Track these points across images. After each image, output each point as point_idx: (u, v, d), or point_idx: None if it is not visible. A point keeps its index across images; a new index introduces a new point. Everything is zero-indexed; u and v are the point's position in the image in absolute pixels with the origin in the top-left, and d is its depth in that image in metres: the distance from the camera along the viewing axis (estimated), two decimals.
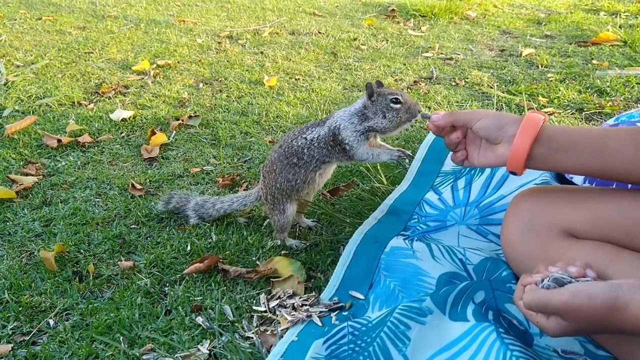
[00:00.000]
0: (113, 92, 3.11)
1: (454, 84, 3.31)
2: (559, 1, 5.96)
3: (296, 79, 3.38)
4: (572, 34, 4.49)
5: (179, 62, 3.69)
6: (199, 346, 1.32)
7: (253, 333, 1.36)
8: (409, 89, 3.19)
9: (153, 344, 1.33)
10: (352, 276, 1.50)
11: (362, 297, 1.43)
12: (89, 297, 1.51)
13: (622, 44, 4.03)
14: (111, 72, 3.46)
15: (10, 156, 2.32)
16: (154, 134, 2.49)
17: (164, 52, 3.92)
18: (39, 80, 3.24)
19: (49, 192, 2.06)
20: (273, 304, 1.44)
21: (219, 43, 4.22)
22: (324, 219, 1.89)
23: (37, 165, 2.25)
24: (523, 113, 2.70)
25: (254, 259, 1.66)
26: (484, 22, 5.03)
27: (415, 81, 3.35)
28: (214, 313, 1.43)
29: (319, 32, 4.60)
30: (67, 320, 1.43)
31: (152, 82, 3.28)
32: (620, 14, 5.15)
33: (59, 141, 2.43)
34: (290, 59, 3.82)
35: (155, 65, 3.55)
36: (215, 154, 2.39)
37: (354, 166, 2.16)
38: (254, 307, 1.45)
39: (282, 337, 1.31)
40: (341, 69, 3.61)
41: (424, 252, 1.46)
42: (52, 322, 1.42)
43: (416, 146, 2.23)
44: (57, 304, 1.47)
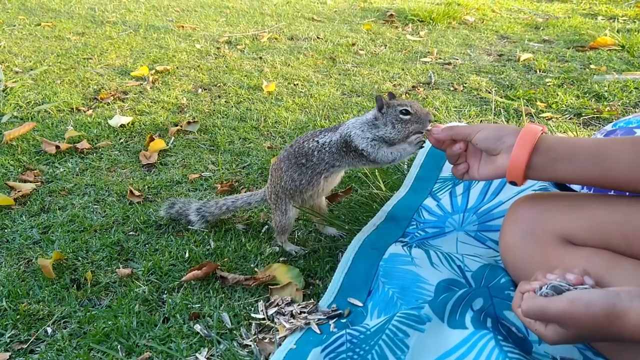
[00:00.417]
0: (112, 98, 3.11)
1: (452, 89, 3.31)
2: (557, 6, 5.98)
3: (295, 85, 3.38)
4: (569, 38, 4.50)
5: (177, 68, 3.69)
6: (197, 354, 1.31)
7: (251, 341, 1.35)
8: (407, 94, 3.19)
9: (151, 352, 1.33)
10: (351, 283, 1.50)
11: (361, 305, 1.43)
12: (86, 305, 1.50)
13: (620, 48, 4.04)
14: (110, 78, 3.46)
15: (9, 163, 2.32)
16: (152, 140, 2.49)
17: (162, 57, 3.92)
18: (37, 87, 3.24)
19: (47, 199, 2.06)
20: (271, 311, 1.44)
21: (218, 48, 4.22)
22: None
23: (35, 171, 2.25)
24: (521, 119, 2.70)
25: (252, 265, 1.66)
26: (482, 27, 5.04)
27: (413, 86, 3.35)
28: (212, 321, 1.42)
29: (318, 37, 4.61)
30: (65, 328, 1.42)
31: (150, 88, 3.28)
32: (618, 19, 5.16)
33: (57, 147, 2.43)
34: (289, 64, 3.82)
35: (154, 71, 3.56)
36: (213, 159, 2.39)
37: (352, 172, 2.16)
38: (252, 315, 1.44)
39: (280, 345, 1.31)
40: (340, 74, 3.61)
41: (422, 259, 1.46)
42: (49, 330, 1.42)
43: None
44: (54, 312, 1.47)
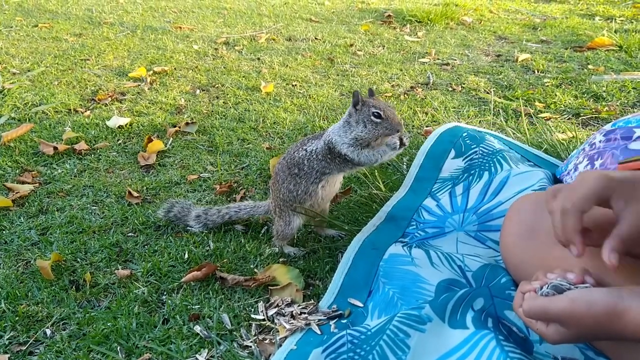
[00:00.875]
0: (109, 99, 3.10)
1: (450, 89, 3.31)
2: (554, 6, 5.99)
3: (293, 85, 3.38)
4: (567, 39, 4.50)
5: (175, 69, 3.69)
6: (197, 355, 1.31)
7: (251, 342, 1.35)
8: (405, 95, 3.19)
9: (151, 353, 1.32)
10: (351, 284, 1.50)
11: (361, 305, 1.43)
12: (85, 307, 1.50)
13: (618, 48, 4.05)
14: (107, 79, 3.46)
15: (7, 164, 2.31)
16: (150, 141, 2.48)
17: (160, 58, 3.91)
18: (35, 88, 3.23)
19: (45, 200, 2.05)
20: (271, 312, 1.43)
21: (216, 49, 4.22)
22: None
23: (33, 173, 2.24)
24: (520, 120, 2.70)
25: (252, 266, 1.66)
26: (479, 27, 5.05)
27: (412, 87, 3.35)
28: (212, 322, 1.42)
29: (316, 38, 4.61)
30: (64, 330, 1.42)
31: (148, 89, 3.28)
32: (615, 19, 5.18)
33: (55, 149, 2.42)
34: (287, 65, 3.82)
35: (151, 72, 3.55)
36: (212, 160, 2.38)
37: (351, 173, 2.16)
38: (252, 316, 1.44)
39: (280, 345, 1.30)
40: (338, 75, 3.61)
41: (422, 259, 1.46)
42: (48, 331, 1.41)
43: (413, 152, 2.23)
44: (53, 314, 1.46)
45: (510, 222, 1.33)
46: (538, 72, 3.60)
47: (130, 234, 1.85)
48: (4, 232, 1.85)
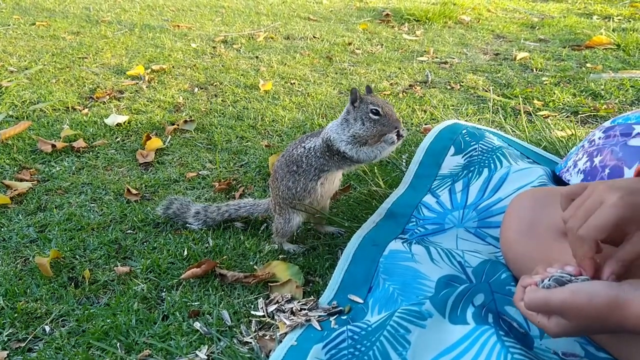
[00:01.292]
0: (107, 97, 3.09)
1: (449, 87, 3.31)
2: (552, 5, 6.00)
3: (291, 83, 3.38)
4: (565, 37, 4.51)
5: (173, 67, 3.68)
6: (197, 352, 1.31)
7: (251, 338, 1.35)
8: (404, 93, 3.19)
9: (150, 349, 1.32)
10: (351, 280, 1.50)
11: (361, 301, 1.42)
12: (85, 303, 1.49)
13: (616, 47, 4.06)
14: (105, 77, 3.45)
15: (5, 162, 2.30)
16: (149, 138, 2.48)
17: (158, 56, 3.91)
18: (32, 86, 3.22)
19: (43, 198, 2.04)
20: (271, 308, 1.43)
21: (214, 48, 4.21)
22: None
23: (31, 170, 2.23)
24: (519, 118, 2.70)
25: (251, 263, 1.65)
26: (477, 26, 5.05)
27: (410, 85, 3.35)
28: (212, 318, 1.42)
29: (314, 37, 4.61)
30: (63, 327, 1.41)
31: (146, 87, 3.27)
32: (613, 18, 5.18)
33: (53, 146, 2.41)
34: (286, 64, 3.82)
35: (149, 70, 3.54)
36: (211, 158, 2.38)
37: (350, 171, 2.15)
38: (252, 312, 1.43)
39: (280, 341, 1.30)
40: (336, 73, 3.61)
41: (422, 255, 1.46)
42: (48, 328, 1.40)
43: (413, 150, 2.23)
44: (52, 310, 1.46)
45: (510, 218, 1.33)
46: (536, 70, 3.60)
47: (129, 231, 1.84)
48: (2, 229, 1.84)
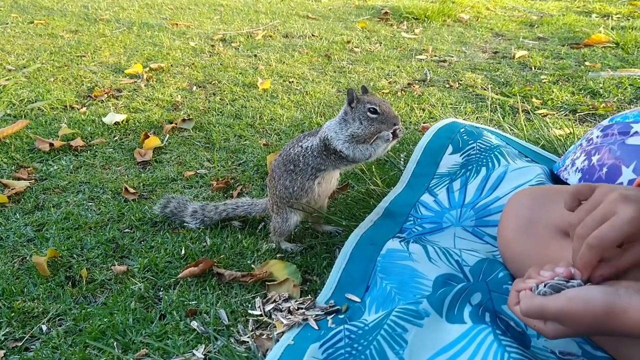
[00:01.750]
0: (106, 95, 3.09)
1: (447, 86, 3.31)
2: (551, 4, 6.00)
3: (290, 82, 3.37)
4: (564, 36, 4.51)
5: (172, 66, 3.67)
6: (194, 351, 1.30)
7: (249, 337, 1.34)
8: (403, 91, 3.19)
9: (147, 349, 1.32)
10: (348, 279, 1.49)
11: (359, 300, 1.42)
12: (82, 302, 1.49)
13: (615, 45, 4.06)
14: (104, 75, 3.44)
15: (2, 160, 2.30)
16: (147, 137, 2.47)
17: (157, 55, 3.90)
18: (30, 84, 3.22)
19: (41, 197, 2.04)
20: (269, 307, 1.43)
21: (212, 46, 4.21)
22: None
23: (29, 169, 2.23)
24: (517, 116, 2.70)
25: (249, 262, 1.65)
26: (476, 24, 5.05)
27: (409, 83, 3.35)
28: (209, 317, 1.41)
29: (313, 35, 4.60)
30: (60, 326, 1.41)
31: (145, 86, 3.26)
32: (612, 16, 5.18)
33: (51, 145, 2.40)
34: (284, 62, 3.81)
35: (148, 69, 3.54)
36: (209, 157, 2.37)
37: (347, 170, 2.15)
38: (250, 311, 1.43)
39: (278, 341, 1.30)
40: (335, 72, 3.60)
41: (420, 254, 1.45)
42: (44, 327, 1.40)
43: (411, 148, 2.23)
44: (49, 310, 1.46)
45: (507, 217, 1.33)
46: (535, 68, 3.60)
47: (126, 230, 1.84)
48: None
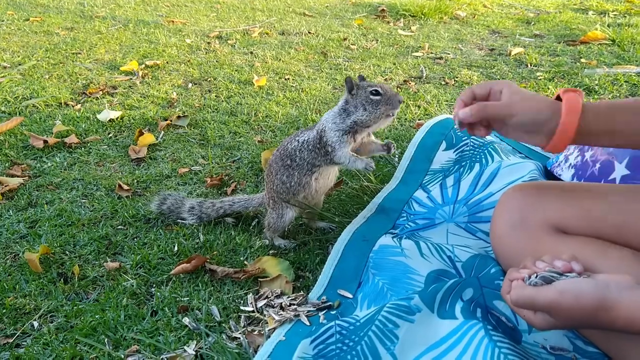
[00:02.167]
0: (101, 92, 3.08)
1: (443, 83, 3.31)
2: (548, 1, 5.99)
3: (286, 79, 3.36)
4: (560, 33, 4.50)
5: (167, 63, 3.66)
6: (186, 347, 1.30)
7: (240, 333, 1.34)
8: (398, 88, 3.18)
9: (138, 345, 1.31)
10: (341, 275, 1.49)
11: (351, 296, 1.42)
12: (73, 299, 1.49)
13: (611, 42, 4.06)
14: (99, 72, 3.43)
15: None
16: (141, 134, 2.47)
17: (152, 52, 3.89)
18: (25, 81, 3.21)
19: (34, 194, 2.03)
20: (261, 303, 1.42)
21: (208, 43, 4.20)
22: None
23: (22, 166, 2.22)
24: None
25: (242, 259, 1.65)
26: (473, 21, 5.04)
27: (405, 80, 3.34)
28: (201, 314, 1.41)
29: (309, 32, 4.59)
30: (52, 322, 1.41)
31: (140, 83, 3.25)
32: (608, 13, 5.18)
33: (45, 142, 2.40)
34: (280, 59, 3.80)
35: (143, 66, 3.53)
36: (203, 154, 2.37)
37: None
38: (242, 307, 1.43)
39: (269, 337, 1.30)
40: (331, 69, 3.60)
41: (412, 250, 1.45)
42: (36, 324, 1.40)
43: (405, 145, 2.22)
44: (41, 306, 1.45)
45: (500, 213, 1.33)
46: (531, 65, 3.59)
47: (119, 226, 1.84)
48: None
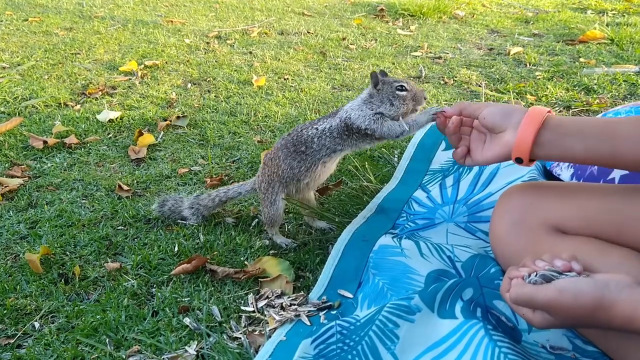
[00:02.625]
0: (100, 93, 3.08)
1: (442, 82, 3.31)
2: (547, 0, 6.00)
3: (285, 79, 3.37)
4: (559, 32, 4.51)
5: (167, 63, 3.67)
6: (187, 347, 1.30)
7: (241, 333, 1.35)
8: None
9: (140, 345, 1.32)
10: (341, 275, 1.50)
11: (351, 296, 1.43)
12: (74, 300, 1.49)
13: (609, 42, 4.06)
14: (98, 73, 3.43)
15: None
16: (141, 134, 2.47)
17: (151, 52, 3.89)
18: (25, 82, 3.21)
19: (34, 194, 2.03)
20: (261, 304, 1.43)
21: (207, 43, 4.20)
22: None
23: (22, 167, 2.23)
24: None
25: (242, 259, 1.65)
26: (472, 21, 5.05)
27: None
28: (202, 314, 1.42)
29: (308, 32, 4.60)
30: (53, 323, 1.41)
31: (139, 83, 3.26)
32: (607, 13, 5.19)
33: (44, 143, 2.40)
34: (279, 59, 3.81)
35: (142, 66, 3.53)
36: (203, 154, 2.37)
37: (342, 165, 2.15)
38: (242, 308, 1.43)
39: (270, 337, 1.30)
40: (330, 69, 3.60)
41: (412, 250, 1.46)
42: (37, 324, 1.40)
43: (404, 145, 2.23)
44: (42, 307, 1.46)
45: (499, 213, 1.33)
46: (530, 65, 3.60)
47: (120, 227, 1.84)
48: None
